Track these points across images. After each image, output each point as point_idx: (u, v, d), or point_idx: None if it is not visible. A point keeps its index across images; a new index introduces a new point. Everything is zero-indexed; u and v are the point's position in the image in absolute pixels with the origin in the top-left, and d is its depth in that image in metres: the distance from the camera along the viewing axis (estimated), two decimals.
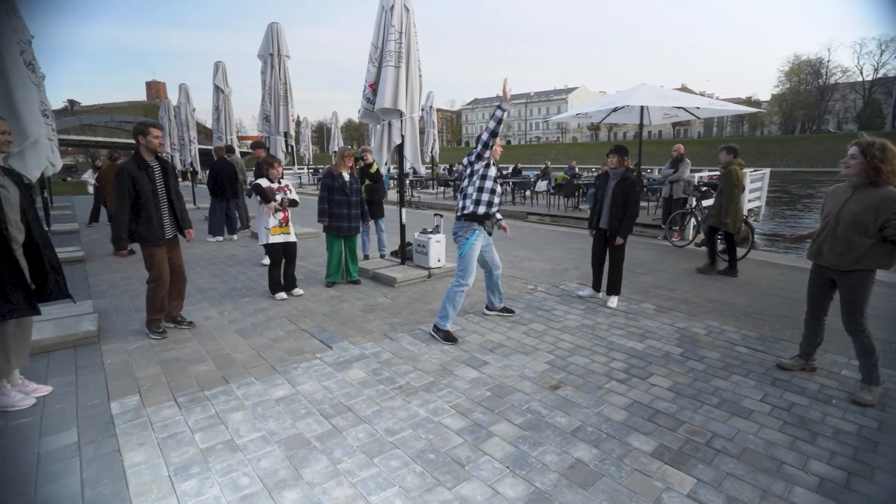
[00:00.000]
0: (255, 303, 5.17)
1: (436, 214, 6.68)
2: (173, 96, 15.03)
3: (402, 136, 5.94)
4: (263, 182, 5.15)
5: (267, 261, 6.36)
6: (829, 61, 66.32)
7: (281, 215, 5.19)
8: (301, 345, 4.00)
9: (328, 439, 2.64)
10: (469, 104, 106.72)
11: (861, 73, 65.06)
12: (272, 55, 8.42)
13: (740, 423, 2.88)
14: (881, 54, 64.86)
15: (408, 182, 19.08)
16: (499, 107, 3.90)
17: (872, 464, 2.52)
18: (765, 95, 71.87)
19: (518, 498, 2.20)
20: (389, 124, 5.88)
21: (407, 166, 6.37)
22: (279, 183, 5.25)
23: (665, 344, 4.09)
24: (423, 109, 17.31)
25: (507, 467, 2.41)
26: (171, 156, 15.34)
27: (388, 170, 7.75)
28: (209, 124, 11.93)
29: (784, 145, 55.87)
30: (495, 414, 2.92)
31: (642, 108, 11.44)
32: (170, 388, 3.22)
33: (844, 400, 3.18)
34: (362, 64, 5.77)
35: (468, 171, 4.15)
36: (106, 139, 66.60)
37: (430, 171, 21.71)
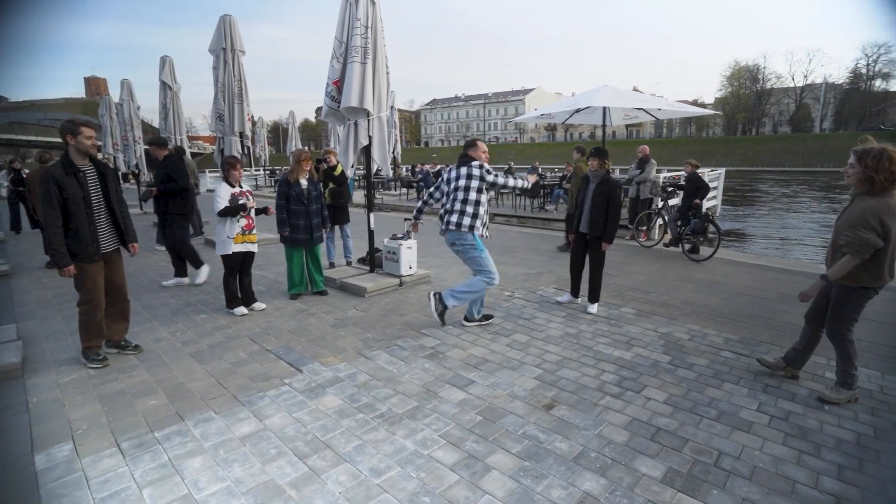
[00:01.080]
0: (213, 320, 4.69)
1: (406, 219, 6.36)
2: (115, 94, 13.91)
3: (370, 137, 5.59)
4: (224, 187, 4.67)
5: (200, 279, 5.80)
6: (765, 68, 70.89)
7: (244, 222, 4.73)
8: (267, 369, 3.60)
9: (305, 486, 2.30)
10: (428, 104, 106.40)
11: (793, 79, 70.01)
12: (225, 49, 7.86)
13: (743, 438, 2.76)
14: (809, 63, 70.59)
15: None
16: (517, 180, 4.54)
17: (881, 476, 2.44)
18: (709, 98, 75.57)
19: None
20: (356, 124, 5.52)
21: (374, 168, 6.03)
22: (240, 187, 4.79)
23: (652, 352, 3.96)
24: None
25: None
26: (114, 157, 14.20)
27: (354, 172, 7.36)
28: (157, 123, 11.10)
29: (728, 145, 58.89)
30: (490, 442, 2.66)
31: (604, 109, 11.54)
32: (111, 431, 2.76)
33: (837, 407, 3.13)
34: (316, 62, 5.47)
35: (485, 184, 4.23)
36: (38, 138, 61.88)
37: (392, 171, 21.29)
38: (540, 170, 16.57)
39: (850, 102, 65.26)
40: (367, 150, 5.68)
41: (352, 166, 5.83)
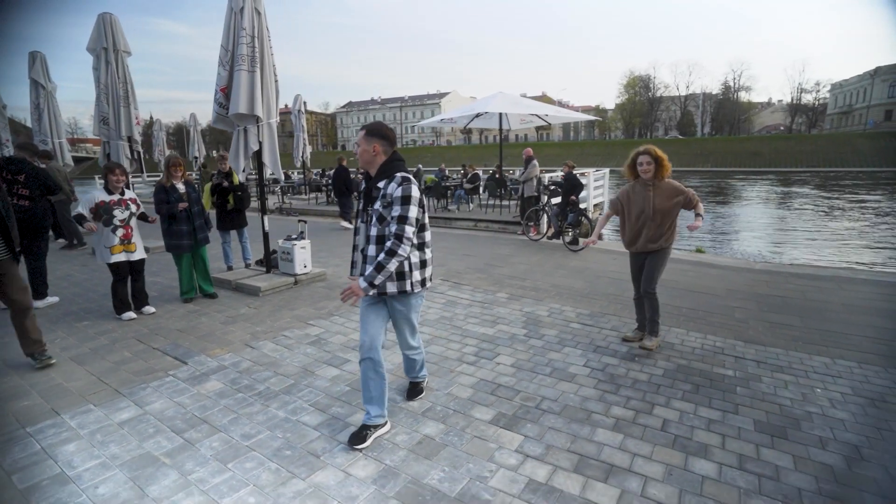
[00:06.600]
0: (97, 325, 4.67)
1: (300, 220, 6.62)
2: None
3: (260, 143, 5.80)
4: (99, 194, 4.66)
5: (48, 301, 5.45)
6: (654, 77, 78.41)
7: (122, 232, 4.73)
8: (151, 364, 3.76)
9: (179, 454, 2.59)
10: (343, 107, 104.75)
11: (678, 88, 78.24)
12: (106, 49, 7.58)
13: (565, 386, 3.43)
14: (689, 75, 79.42)
15: (279, 188, 18.30)
16: None
17: (653, 401, 3.20)
18: (610, 104, 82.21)
19: (368, 476, 2.41)
20: (245, 130, 5.70)
21: (267, 173, 6.23)
22: (121, 194, 4.78)
23: (513, 327, 4.62)
24: (291, 112, 16.72)
25: (360, 451, 2.61)
26: None
27: (247, 177, 7.47)
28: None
29: (626, 148, 62.52)
30: (353, 406, 3.10)
31: (501, 113, 12.51)
32: None
33: (644, 357, 3.94)
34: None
35: None
36: None
37: (301, 176, 21.04)
38: (446, 171, 17.34)
39: (723, 110, 74.37)
40: (258, 155, 5.89)
41: (243, 170, 6.00)
